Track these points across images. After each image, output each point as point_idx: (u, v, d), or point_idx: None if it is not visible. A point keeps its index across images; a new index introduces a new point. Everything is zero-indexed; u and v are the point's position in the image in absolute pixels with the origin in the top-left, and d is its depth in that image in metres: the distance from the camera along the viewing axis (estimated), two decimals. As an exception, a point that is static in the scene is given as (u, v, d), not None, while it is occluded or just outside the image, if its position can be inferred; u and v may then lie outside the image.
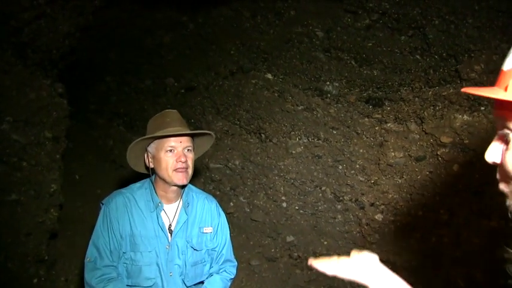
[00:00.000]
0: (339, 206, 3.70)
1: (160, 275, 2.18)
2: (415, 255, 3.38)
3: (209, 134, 2.33)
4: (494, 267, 2.95)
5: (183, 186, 2.24)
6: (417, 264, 3.43)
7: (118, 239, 2.13)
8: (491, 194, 2.72)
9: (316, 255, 3.95)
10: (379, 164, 3.31)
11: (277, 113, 3.66)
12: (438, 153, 2.84)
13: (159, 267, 2.17)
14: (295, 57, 3.56)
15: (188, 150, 2.16)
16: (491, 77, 2.38)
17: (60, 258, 3.53)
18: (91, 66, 4.58)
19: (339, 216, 3.74)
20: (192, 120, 4.19)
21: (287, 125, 3.67)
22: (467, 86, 2.55)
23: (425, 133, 2.88)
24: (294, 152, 3.73)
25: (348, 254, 3.49)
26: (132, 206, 2.17)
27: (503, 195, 1.63)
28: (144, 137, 2.19)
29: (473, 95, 2.59)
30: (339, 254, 3.51)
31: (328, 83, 3.39)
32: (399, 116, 3.10)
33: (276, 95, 3.64)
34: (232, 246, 2.51)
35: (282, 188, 3.90)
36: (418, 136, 2.99)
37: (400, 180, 3.21)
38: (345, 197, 3.63)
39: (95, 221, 2.28)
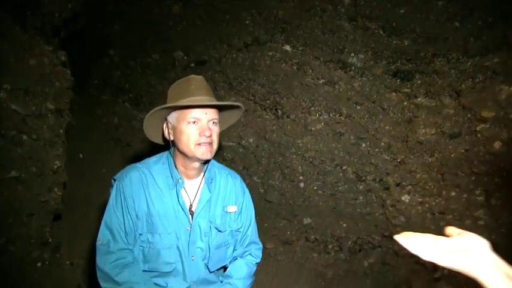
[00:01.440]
0: (361, 187, 3.46)
1: (181, 259, 1.94)
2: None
3: (238, 106, 2.06)
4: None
5: (205, 162, 1.98)
6: (446, 249, 3.21)
7: (134, 218, 1.91)
8: (537, 173, 2.49)
9: (335, 238, 3.74)
10: (407, 142, 3.06)
11: (295, 87, 3.40)
12: (477, 129, 2.59)
13: (179, 250, 1.93)
14: (317, 27, 3.27)
15: (213, 123, 1.88)
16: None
17: (64, 241, 3.30)
18: (94, 38, 4.28)
19: (361, 197, 3.50)
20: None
21: (306, 100, 3.41)
22: (516, 53, 2.30)
23: (463, 108, 2.63)
24: (313, 128, 3.47)
25: (369, 237, 3.23)
26: (148, 182, 1.94)
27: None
28: (164, 106, 1.91)
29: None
30: (359, 237, 3.28)
31: (352, 54, 3.11)
32: (431, 89, 2.84)
33: (294, 68, 3.37)
34: (258, 226, 2.29)
35: (299, 167, 3.66)
36: (453, 111, 2.73)
37: (430, 159, 2.96)
38: (367, 177, 3.38)
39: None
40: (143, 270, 1.93)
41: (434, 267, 3.36)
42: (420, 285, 3.44)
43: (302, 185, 3.71)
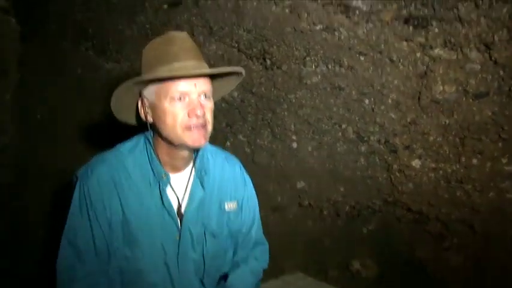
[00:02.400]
0: (363, 148, 3.08)
1: (170, 278, 1.54)
2: (459, 209, 2.87)
3: (239, 72, 1.58)
4: None
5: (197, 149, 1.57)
6: (458, 218, 2.94)
7: (105, 230, 1.52)
8: None
9: (331, 203, 3.44)
10: (419, 99, 2.67)
11: (288, 33, 2.91)
12: (511, 89, 2.22)
13: (167, 266, 1.53)
14: (314, -39, 2.77)
15: (206, 96, 1.48)
16: None
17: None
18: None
19: (362, 160, 3.14)
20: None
21: (300, 49, 2.93)
22: None
23: (495, 63, 2.23)
24: (308, 82, 3.01)
25: (369, 202, 2.92)
26: (122, 179, 1.54)
27: None
28: (138, 78, 1.45)
29: None
30: (358, 202, 2.97)
31: (357, -5, 2.66)
32: (452, 40, 2.41)
33: (287, 11, 2.85)
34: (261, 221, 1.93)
35: (292, 126, 3.25)
36: (479, 67, 2.33)
37: (448, 120, 2.58)
38: (371, 138, 3.00)
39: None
40: None
41: (441, 235, 3.12)
42: (425, 255, 3.21)
43: (295, 145, 3.32)
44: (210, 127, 1.49)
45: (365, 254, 3.40)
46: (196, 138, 1.45)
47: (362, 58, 2.79)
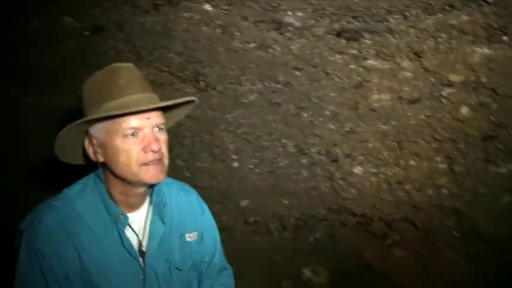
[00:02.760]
0: (304, 161, 3.18)
1: None
2: (401, 208, 3.05)
3: (192, 100, 1.54)
4: (501, 217, 2.72)
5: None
6: (400, 217, 3.13)
7: (62, 283, 1.37)
8: (506, 138, 2.39)
9: (276, 217, 3.49)
10: (356, 109, 2.81)
11: (221, 53, 2.92)
12: (442, 94, 2.40)
13: None
14: (243, -19, 2.81)
15: (159, 129, 1.39)
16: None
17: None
18: None
19: (304, 172, 3.23)
20: (104, 70, 3.30)
21: (235, 69, 2.95)
22: (490, 10, 2.08)
23: (426, 71, 2.41)
24: (245, 100, 3.04)
25: (314, 212, 3.02)
26: (76, 225, 1.40)
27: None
28: (86, 118, 1.34)
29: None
30: (303, 213, 3.06)
31: (289, 12, 2.70)
32: (384, 50, 2.57)
33: (218, 31, 2.86)
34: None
35: (231, 145, 3.26)
36: (412, 75, 2.51)
37: (385, 127, 2.74)
38: (311, 150, 3.10)
39: None
40: None
41: (385, 234, 3.29)
42: (370, 253, 3.37)
43: (236, 164, 3.33)
44: (166, 161, 1.41)
45: (314, 261, 3.50)
46: (154, 174, 1.37)
47: (297, 73, 2.88)
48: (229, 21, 2.84)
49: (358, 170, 2.98)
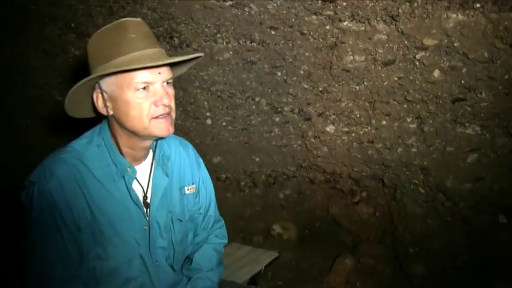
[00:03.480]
0: (277, 119, 3.26)
1: (146, 269, 1.55)
2: (370, 166, 3.21)
3: (200, 56, 1.54)
4: (465, 174, 2.90)
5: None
6: (369, 174, 3.29)
7: (75, 233, 1.44)
8: (474, 100, 2.53)
9: (248, 174, 3.59)
10: (330, 69, 2.89)
11: (197, 11, 2.90)
12: (416, 57, 2.50)
13: (142, 258, 1.54)
14: None
15: (168, 83, 1.45)
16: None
17: None
18: None
19: (276, 130, 3.32)
20: (73, 25, 3.22)
21: (210, 26, 2.95)
22: (465, -23, 2.16)
23: (401, 34, 2.49)
24: (220, 58, 3.05)
25: (284, 169, 3.16)
26: (85, 177, 1.46)
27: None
28: (97, 74, 1.38)
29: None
30: (274, 170, 3.19)
31: (267, -30, 2.73)
32: (360, 13, 2.63)
33: (194, -12, 2.87)
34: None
35: (205, 103, 3.29)
36: (386, 37, 2.59)
37: (358, 87, 2.84)
38: (285, 108, 3.18)
39: None
40: None
41: (352, 191, 3.46)
42: (338, 210, 3.54)
43: (209, 121, 3.38)
44: (174, 114, 1.47)
45: (284, 217, 3.66)
46: (164, 127, 1.43)
47: (273, 32, 2.91)
48: (206, -22, 2.82)
49: (330, 128, 3.08)
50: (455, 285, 2.89)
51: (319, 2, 2.72)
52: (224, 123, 3.34)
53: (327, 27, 2.77)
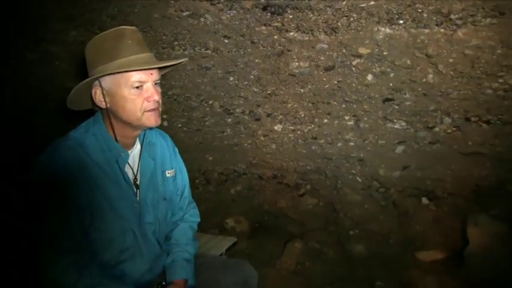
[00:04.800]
0: (229, 120, 3.68)
1: (137, 242, 1.89)
2: (314, 160, 3.69)
3: (184, 61, 1.97)
4: (394, 164, 3.46)
5: None
6: (313, 168, 3.77)
7: (77, 209, 1.73)
8: (400, 100, 3.08)
9: (201, 172, 3.97)
10: (278, 74, 3.34)
11: (155, 19, 3.26)
12: (353, 63, 3.01)
13: (133, 232, 1.88)
14: (180, -47, 3.14)
15: (156, 83, 1.79)
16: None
17: None
18: None
19: (228, 130, 3.74)
20: (30, 30, 3.46)
21: (168, 34, 3.31)
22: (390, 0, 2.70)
23: (341, 43, 2.99)
24: (177, 64, 3.47)
25: (235, 167, 3.60)
26: (85, 161, 1.76)
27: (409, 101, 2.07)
28: (108, 72, 1.70)
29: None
30: (226, 168, 3.60)
31: (222, -14, 3.15)
32: (304, 24, 3.11)
33: (154, -2, 3.23)
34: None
35: (162, 106, 3.65)
36: (327, 46, 3.08)
37: (303, 90, 3.32)
38: (236, 110, 3.61)
39: None
40: (99, 265, 1.86)
41: (296, 185, 3.93)
42: (285, 203, 4.00)
43: (166, 123, 3.74)
44: (160, 109, 1.82)
45: (236, 212, 4.05)
46: (154, 119, 1.77)
47: (226, 41, 3.32)
48: (165, -10, 3.19)
49: (278, 127, 3.54)
50: (388, 258, 3.43)
51: (268, 14, 3.17)
52: (180, 125, 3.70)
53: (275, 36, 3.22)
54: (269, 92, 3.43)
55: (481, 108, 3.02)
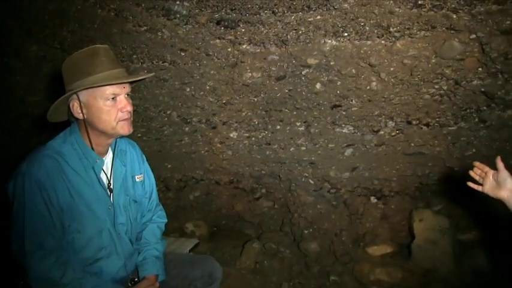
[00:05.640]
0: (187, 128, 3.87)
1: (113, 241, 2.11)
2: (268, 165, 3.94)
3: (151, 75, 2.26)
4: (344, 165, 3.75)
5: None
6: (267, 172, 4.02)
7: (59, 212, 1.92)
8: (347, 106, 3.36)
9: (161, 179, 4.14)
10: (232, 84, 3.56)
11: (115, 34, 3.42)
12: (302, 73, 3.27)
13: (109, 232, 2.09)
14: (138, -29, 3.32)
15: (128, 95, 2.01)
16: (363, 9, 2.86)
17: None
18: None
19: (186, 138, 3.93)
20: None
21: (127, 48, 3.48)
22: (336, 13, 2.98)
23: (291, 54, 3.24)
24: (136, 77, 3.63)
25: (193, 173, 3.81)
26: (64, 167, 1.95)
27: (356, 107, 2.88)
28: (86, 87, 1.89)
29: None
30: (184, 175, 3.82)
31: (177, 2, 3.32)
32: (256, 38, 3.35)
33: (112, 14, 3.37)
34: None
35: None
36: (278, 57, 3.33)
37: (256, 99, 3.56)
38: (193, 119, 3.81)
39: None
40: (79, 263, 2.03)
41: (252, 189, 4.17)
42: (242, 206, 4.24)
43: (125, 134, 3.89)
44: (132, 118, 2.02)
45: (195, 217, 4.26)
46: (127, 128, 1.99)
47: (183, 54, 3.52)
48: (122, 6, 3.36)
49: (233, 134, 3.77)
50: (341, 254, 3.72)
51: (222, 28, 3.39)
52: (139, 134, 3.86)
53: (229, 49, 3.44)
54: (224, 101, 3.65)
55: (421, 112, 3.35)
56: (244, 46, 3.38)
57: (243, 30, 3.31)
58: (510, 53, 2.62)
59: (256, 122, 3.70)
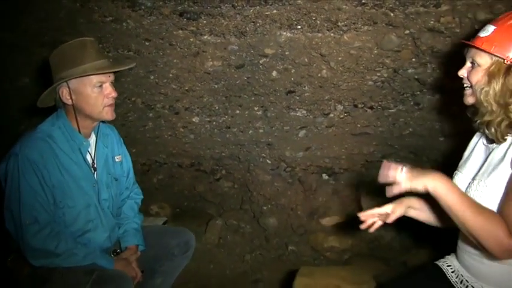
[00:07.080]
0: (151, 114, 4.14)
1: (99, 214, 2.43)
2: (228, 147, 4.29)
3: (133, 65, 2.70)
4: (298, 146, 4.15)
5: None
6: (227, 154, 4.37)
7: (51, 189, 2.20)
8: (300, 92, 3.74)
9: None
10: (194, 72, 3.85)
11: (81, 24, 3.62)
12: (260, 62, 3.60)
13: (95, 206, 2.41)
14: (102, -35, 3.53)
15: (112, 83, 2.31)
16: (315, 5, 3.23)
17: None
18: None
19: (150, 124, 4.21)
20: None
21: (93, 37, 3.70)
22: (290, 8, 3.33)
23: (249, 45, 3.56)
24: (101, 65, 3.85)
25: (157, 157, 4.13)
26: (55, 149, 2.23)
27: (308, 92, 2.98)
28: (78, 76, 2.17)
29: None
30: (148, 159, 4.13)
31: (142, -6, 3.58)
32: (217, 29, 3.64)
33: (78, 4, 3.58)
34: None
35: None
36: (237, 47, 3.64)
37: (217, 86, 3.87)
38: (157, 105, 4.08)
39: None
40: (70, 235, 2.33)
41: (212, 171, 4.51)
42: (203, 187, 4.57)
43: (91, 120, 4.12)
44: (114, 106, 2.33)
45: (159, 199, 4.55)
46: (111, 113, 2.29)
47: (147, 43, 3.76)
48: (88, -4, 3.58)
49: (195, 119, 4.07)
50: (297, 226, 4.15)
51: (185, 20, 3.63)
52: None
53: (191, 39, 3.70)
54: (187, 88, 3.92)
55: (365, 96, 3.74)
56: (205, 37, 3.63)
57: (205, 22, 3.55)
58: (435, 47, 3.05)
59: (217, 107, 4.00)
